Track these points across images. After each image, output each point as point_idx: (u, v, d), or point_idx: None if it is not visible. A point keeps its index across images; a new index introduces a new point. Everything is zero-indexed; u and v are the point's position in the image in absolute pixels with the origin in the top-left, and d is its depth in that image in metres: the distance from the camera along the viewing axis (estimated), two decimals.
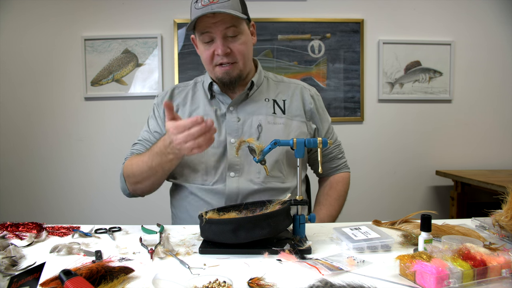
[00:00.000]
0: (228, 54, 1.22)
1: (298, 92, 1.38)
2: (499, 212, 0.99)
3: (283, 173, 1.29)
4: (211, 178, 1.27)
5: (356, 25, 2.82)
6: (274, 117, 1.31)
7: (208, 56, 1.24)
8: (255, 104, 1.32)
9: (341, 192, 1.43)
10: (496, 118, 2.93)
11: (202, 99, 1.35)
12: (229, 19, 1.19)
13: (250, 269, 0.82)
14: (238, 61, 1.25)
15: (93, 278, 0.71)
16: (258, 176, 1.26)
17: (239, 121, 1.29)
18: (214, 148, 1.26)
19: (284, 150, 1.29)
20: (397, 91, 2.87)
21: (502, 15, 2.87)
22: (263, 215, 0.92)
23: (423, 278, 0.71)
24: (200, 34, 1.23)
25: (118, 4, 2.76)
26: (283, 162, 1.29)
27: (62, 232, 1.09)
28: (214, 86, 1.31)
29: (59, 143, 2.80)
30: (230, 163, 1.26)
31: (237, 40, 1.23)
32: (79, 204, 2.82)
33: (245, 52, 1.26)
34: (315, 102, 1.39)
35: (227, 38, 1.22)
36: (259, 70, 1.36)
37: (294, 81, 1.44)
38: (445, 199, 2.94)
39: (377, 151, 2.89)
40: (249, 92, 1.32)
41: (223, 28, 1.19)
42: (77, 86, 2.77)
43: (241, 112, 1.30)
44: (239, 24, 1.22)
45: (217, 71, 1.26)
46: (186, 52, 2.76)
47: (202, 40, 1.24)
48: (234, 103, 1.30)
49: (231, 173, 1.26)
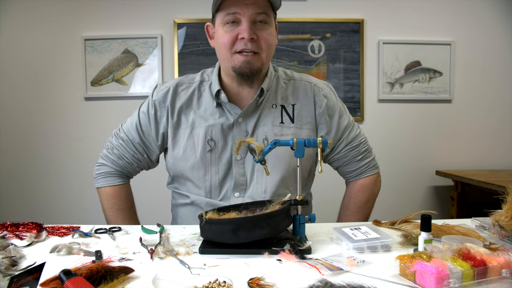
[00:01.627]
0: (254, 41, 1.09)
1: (309, 93, 1.24)
2: (499, 212, 0.99)
3: (290, 189, 1.21)
4: (215, 196, 1.20)
5: (356, 25, 2.82)
6: (282, 128, 1.20)
7: (230, 40, 1.09)
8: (262, 112, 1.20)
9: (362, 203, 1.32)
10: (496, 118, 2.92)
11: (208, 105, 1.21)
12: (261, 3, 1.08)
13: (250, 269, 0.82)
14: (262, 52, 1.11)
15: (93, 278, 0.71)
16: (264, 196, 1.17)
17: (247, 135, 1.18)
18: (219, 165, 1.18)
19: (292, 166, 1.19)
20: (397, 91, 2.87)
21: (502, 15, 2.86)
22: (263, 215, 0.92)
23: (423, 278, 0.71)
24: (225, 14, 1.09)
25: (118, 4, 2.76)
26: (290, 178, 1.21)
27: (62, 232, 1.09)
28: (221, 94, 1.18)
29: (59, 143, 2.80)
30: (236, 182, 1.19)
31: (265, 28, 1.11)
32: (79, 204, 2.81)
33: (271, 44, 1.13)
34: (328, 103, 1.26)
35: (255, 23, 1.09)
36: (269, 74, 1.22)
37: (307, 79, 1.28)
38: (445, 199, 2.94)
39: (377, 151, 2.84)
40: (259, 100, 1.20)
41: (253, 12, 1.07)
42: (77, 86, 2.77)
43: (250, 123, 1.19)
44: (270, 13, 1.12)
45: (237, 59, 1.11)
46: (186, 52, 2.75)
47: (225, 20, 1.10)
48: (243, 114, 1.18)
49: (236, 193, 1.19)
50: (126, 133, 1.29)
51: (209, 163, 1.20)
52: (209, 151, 1.19)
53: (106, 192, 1.30)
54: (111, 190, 1.29)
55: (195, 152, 1.19)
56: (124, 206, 1.30)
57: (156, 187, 1.55)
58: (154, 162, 1.33)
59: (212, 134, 1.19)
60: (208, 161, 1.19)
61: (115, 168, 1.30)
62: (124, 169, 1.31)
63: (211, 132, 1.19)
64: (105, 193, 1.30)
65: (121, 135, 1.30)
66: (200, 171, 1.20)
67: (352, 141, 1.31)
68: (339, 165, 1.34)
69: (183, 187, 1.26)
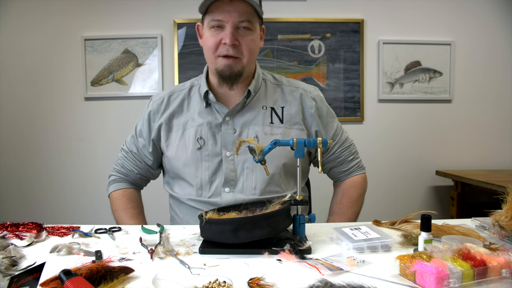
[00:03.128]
0: (235, 46, 1.16)
1: (297, 97, 1.30)
2: (499, 212, 0.99)
3: (282, 187, 1.26)
4: (206, 192, 1.24)
5: (356, 25, 2.82)
6: (271, 128, 1.25)
7: (214, 44, 1.17)
8: (252, 112, 1.26)
9: (354, 198, 1.37)
10: (496, 118, 2.92)
11: (197, 106, 1.28)
12: (245, 12, 1.14)
13: (250, 269, 0.82)
14: (243, 57, 1.18)
15: (93, 278, 0.71)
16: (254, 193, 1.22)
17: (235, 132, 1.24)
18: (209, 162, 1.24)
19: (281, 163, 1.24)
20: (397, 91, 2.87)
21: (502, 15, 2.87)
22: (263, 215, 0.92)
23: (423, 278, 0.71)
24: (211, 20, 1.16)
25: (118, 4, 2.76)
26: (281, 175, 1.25)
27: (62, 232, 1.09)
28: (209, 95, 1.25)
29: (59, 143, 2.80)
30: (226, 178, 1.23)
31: (248, 34, 1.17)
32: (79, 204, 2.82)
33: (253, 50, 1.20)
34: (317, 104, 1.31)
35: (238, 29, 1.16)
36: (256, 76, 1.28)
37: (295, 84, 1.35)
38: (445, 199, 2.94)
39: (377, 151, 2.89)
40: (246, 101, 1.26)
41: (237, 19, 1.14)
42: (77, 86, 2.77)
43: (238, 122, 1.25)
44: (254, 20, 1.17)
45: (219, 62, 1.19)
46: (186, 52, 2.75)
47: (210, 25, 1.17)
48: (230, 113, 1.25)
49: (226, 189, 1.23)
50: (127, 145, 1.40)
51: (199, 160, 1.25)
52: (198, 149, 1.25)
53: (113, 196, 1.38)
54: (116, 193, 1.37)
55: (186, 151, 1.26)
56: (129, 206, 1.34)
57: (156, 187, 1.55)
58: (154, 169, 1.39)
59: (202, 132, 1.25)
60: (198, 158, 1.25)
61: (120, 176, 1.39)
62: (128, 177, 1.39)
63: (200, 131, 1.26)
64: (112, 198, 1.38)
65: (124, 147, 1.41)
66: (191, 168, 1.25)
67: (344, 143, 1.39)
68: (333, 165, 1.39)
69: (177, 186, 1.31)
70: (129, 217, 1.31)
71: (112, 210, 1.37)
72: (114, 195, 1.36)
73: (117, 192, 1.36)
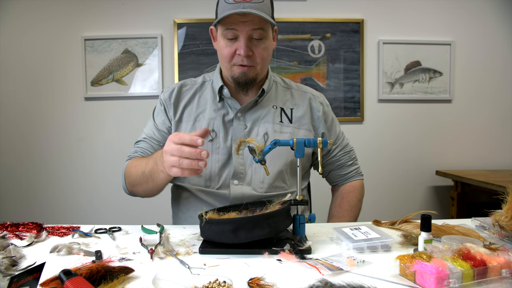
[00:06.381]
0: (249, 56, 1.20)
1: (306, 101, 1.35)
2: (499, 212, 0.99)
3: (287, 183, 1.28)
4: (214, 184, 1.26)
5: (356, 25, 2.82)
6: (281, 126, 1.29)
7: (229, 54, 1.21)
8: (263, 110, 1.30)
9: (353, 202, 1.40)
10: (496, 118, 2.93)
11: (209, 101, 1.31)
12: (258, 21, 1.16)
13: (250, 269, 0.82)
14: (257, 65, 1.23)
15: (93, 278, 0.71)
16: (261, 186, 1.24)
17: (245, 128, 1.27)
18: (219, 154, 1.25)
19: (289, 160, 1.27)
20: (397, 91, 2.87)
21: (501, 15, 2.87)
22: (263, 215, 0.92)
23: (423, 278, 0.71)
24: (225, 29, 1.19)
25: (118, 4, 2.76)
26: (287, 172, 1.28)
27: (62, 232, 1.09)
28: (224, 90, 1.28)
29: (59, 143, 2.80)
30: (235, 171, 1.24)
31: (260, 44, 1.20)
32: (79, 204, 2.82)
33: (266, 57, 1.24)
34: (324, 108, 1.37)
35: (251, 40, 1.19)
36: (269, 76, 1.34)
37: (303, 88, 1.40)
38: (445, 199, 2.95)
39: (377, 151, 2.89)
40: (259, 99, 1.30)
41: (250, 29, 1.16)
42: (77, 86, 2.77)
43: (249, 119, 1.28)
44: (267, 28, 1.20)
45: (235, 70, 1.23)
46: (186, 52, 2.75)
47: (225, 35, 1.20)
48: (242, 110, 1.28)
49: (235, 181, 1.24)
50: (146, 133, 1.35)
51: (210, 152, 1.25)
52: (210, 141, 1.27)
53: (127, 165, 1.28)
54: (130, 161, 1.28)
55: None
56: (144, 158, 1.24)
57: None
58: None
59: (214, 125, 1.28)
60: (209, 150, 1.25)
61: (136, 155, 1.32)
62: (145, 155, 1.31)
63: (213, 124, 1.28)
64: (127, 168, 1.28)
65: (142, 136, 1.36)
66: None
67: (345, 147, 1.44)
68: (332, 168, 1.43)
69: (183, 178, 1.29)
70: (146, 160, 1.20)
71: (127, 176, 1.25)
72: (128, 163, 1.28)
73: (130, 161, 1.28)
